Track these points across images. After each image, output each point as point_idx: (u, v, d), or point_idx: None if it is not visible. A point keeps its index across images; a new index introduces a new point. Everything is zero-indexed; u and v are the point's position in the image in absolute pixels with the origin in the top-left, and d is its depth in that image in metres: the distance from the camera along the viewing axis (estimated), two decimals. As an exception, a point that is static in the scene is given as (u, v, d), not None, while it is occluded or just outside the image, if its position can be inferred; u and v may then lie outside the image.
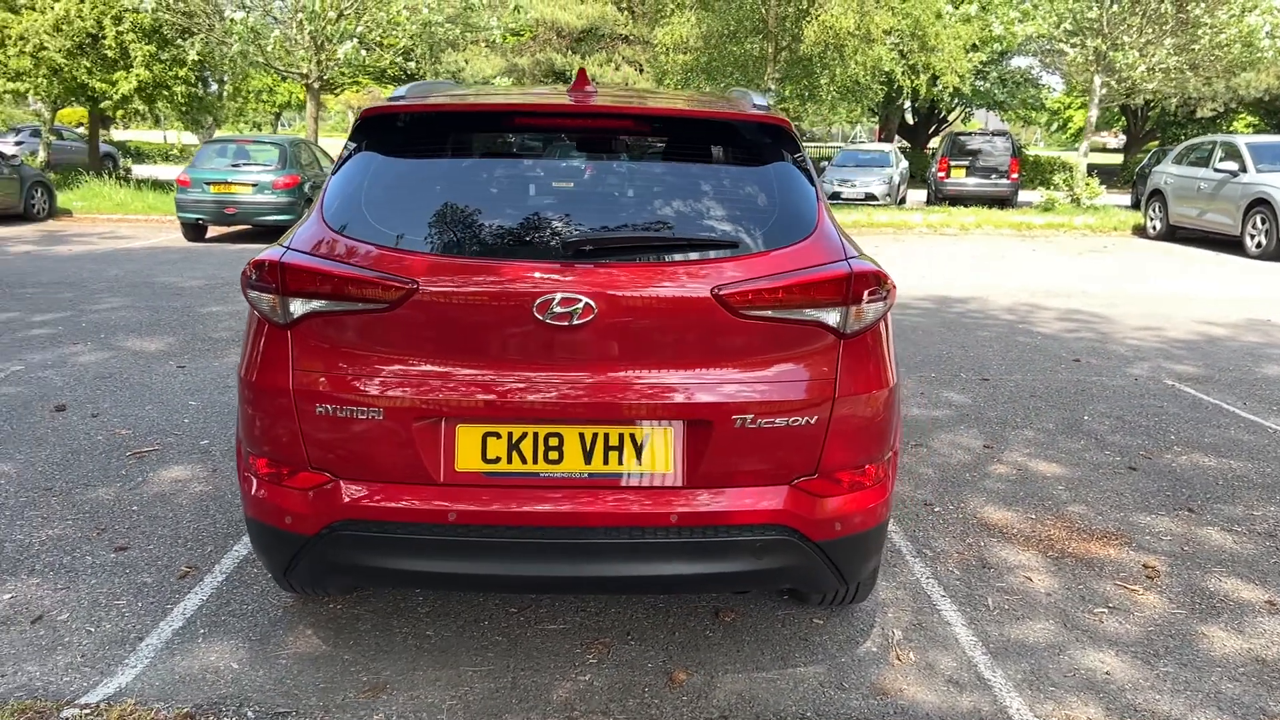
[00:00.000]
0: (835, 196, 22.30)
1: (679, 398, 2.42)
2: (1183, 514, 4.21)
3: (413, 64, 18.07)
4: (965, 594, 3.44)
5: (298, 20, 16.76)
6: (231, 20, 15.99)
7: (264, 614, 3.17)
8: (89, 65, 19.37)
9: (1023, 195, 23.17)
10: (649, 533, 2.46)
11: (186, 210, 13.88)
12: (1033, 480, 4.59)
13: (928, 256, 13.80)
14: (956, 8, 24.35)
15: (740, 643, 3.08)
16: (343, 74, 17.49)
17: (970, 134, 23.95)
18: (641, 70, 29.38)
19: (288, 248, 2.52)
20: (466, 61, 31.46)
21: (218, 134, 27.98)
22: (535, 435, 2.45)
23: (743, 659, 2.98)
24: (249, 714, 2.62)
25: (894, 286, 2.67)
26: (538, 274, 2.37)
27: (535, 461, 2.45)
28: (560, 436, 2.45)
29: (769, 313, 2.44)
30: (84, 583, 3.36)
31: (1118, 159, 40.99)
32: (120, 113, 21.09)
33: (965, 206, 20.82)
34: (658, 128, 2.71)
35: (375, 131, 2.69)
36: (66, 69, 19.11)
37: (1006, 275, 11.82)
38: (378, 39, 17.62)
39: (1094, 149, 24.14)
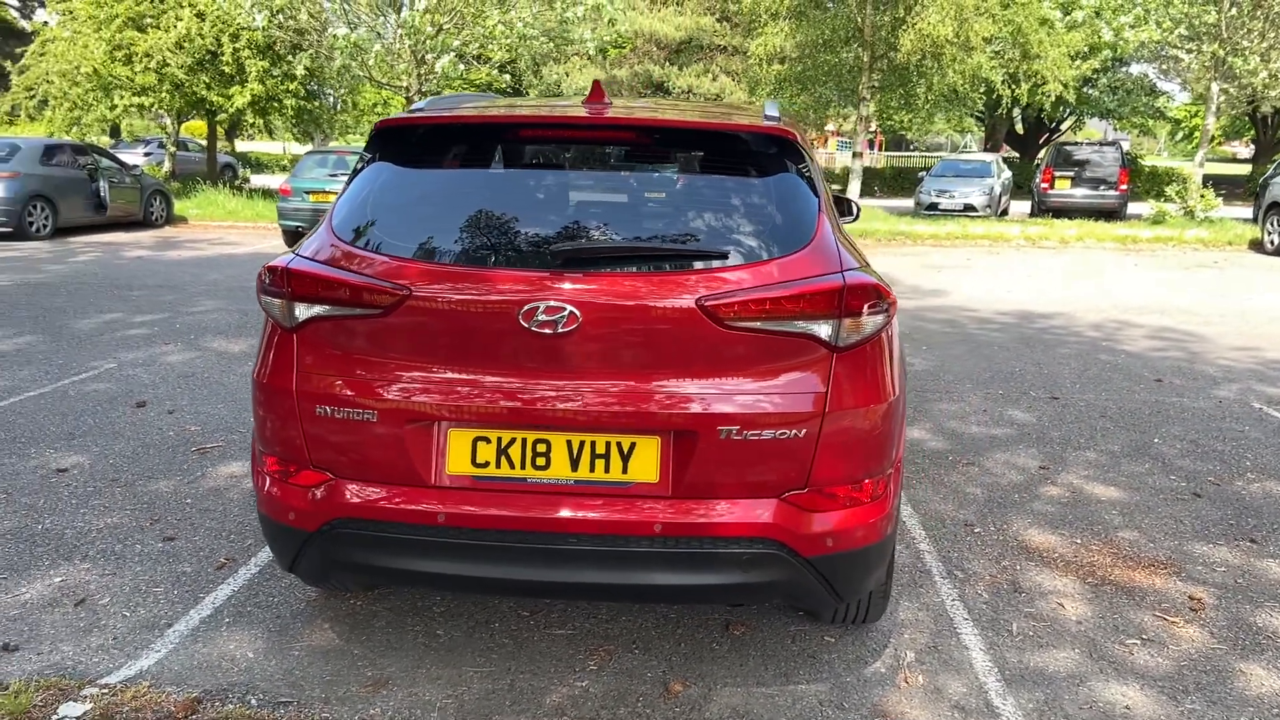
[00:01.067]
0: (932, 208, 21.82)
1: (664, 408, 2.43)
2: (1244, 545, 3.99)
3: (507, 76, 18.40)
4: (990, 618, 3.33)
5: (399, 35, 17.31)
6: (334, 36, 16.62)
7: (287, 606, 3.29)
8: (208, 80, 20.41)
9: (1134, 208, 22.25)
10: (633, 541, 2.47)
11: (287, 218, 14.48)
12: (1085, 503, 4.41)
13: (1019, 270, 13.39)
14: (1067, 14, 23.58)
15: (745, 657, 3.05)
16: (441, 87, 17.94)
17: (1077, 143, 23.12)
18: (739, 81, 29.33)
19: (296, 255, 2.62)
20: (566, 74, 31.98)
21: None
22: (524, 441, 2.49)
23: (745, 674, 2.96)
24: (253, 701, 2.72)
25: (894, 300, 2.62)
26: (525, 282, 2.42)
27: (523, 467, 2.49)
28: (548, 443, 2.48)
29: (757, 324, 2.42)
30: (129, 570, 3.55)
31: (1246, 169, 38.94)
32: (241, 125, 22.18)
33: (1070, 219, 20.11)
34: (658, 139, 2.73)
35: (385, 144, 2.78)
36: (187, 84, 20.19)
37: (1100, 290, 11.37)
38: (475, 53, 18.04)
39: (1223, 159, 23.04)
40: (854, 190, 21.42)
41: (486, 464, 2.50)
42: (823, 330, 2.46)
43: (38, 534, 3.84)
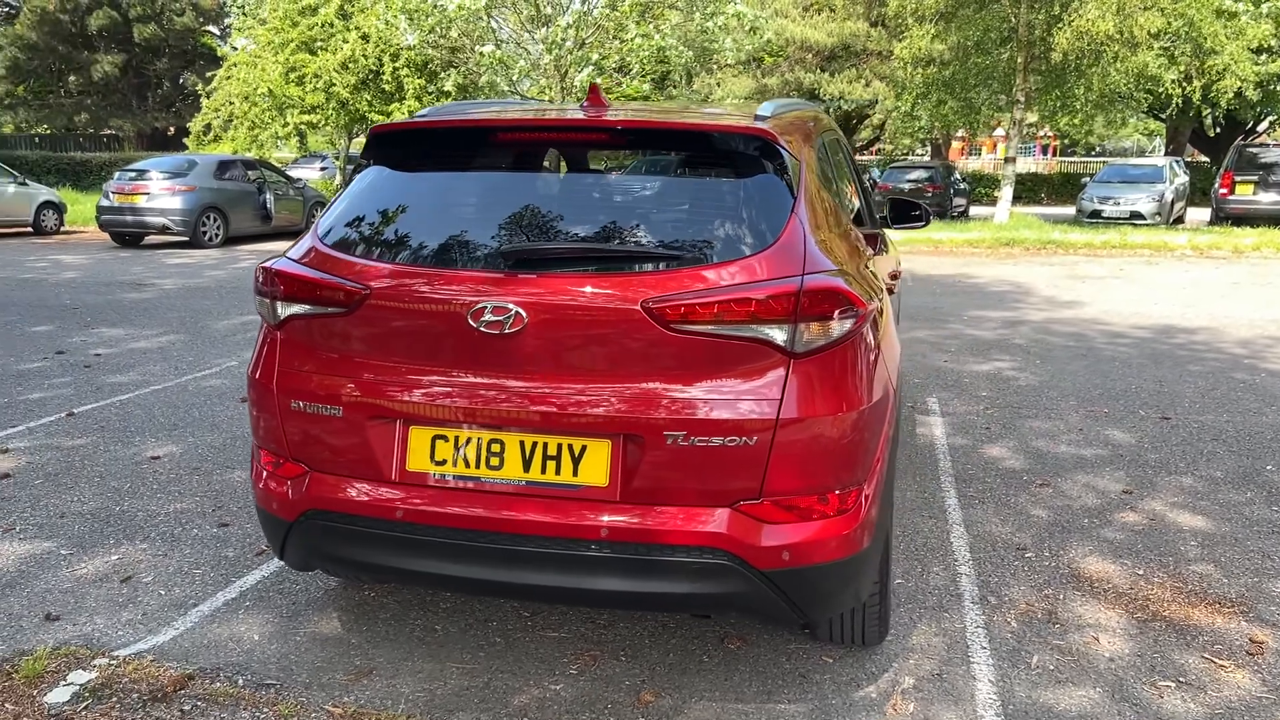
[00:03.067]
0: (1095, 215, 20.60)
1: (610, 411, 2.40)
2: (1337, 586, 3.57)
3: (648, 86, 18.60)
4: (1011, 648, 3.11)
5: (542, 50, 17.81)
6: (481, 54, 17.27)
7: (305, 594, 3.44)
8: (370, 98, 21.62)
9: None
10: (581, 545, 2.45)
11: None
12: (1162, 532, 4.06)
13: (1175, 282, 12.44)
14: (1256, 5, 21.73)
15: (733, 671, 2.97)
16: (582, 100, 18.29)
17: (1264, 145, 21.28)
18: (892, 86, 28.56)
19: (285, 256, 2.75)
20: (717, 84, 32.02)
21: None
22: (479, 441, 2.51)
23: (726, 689, 2.88)
24: (239, 681, 2.86)
25: (865, 306, 2.50)
26: (474, 283, 2.44)
27: (478, 466, 2.51)
28: (502, 443, 2.50)
29: (705, 328, 2.36)
30: (179, 552, 3.80)
31: None
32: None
33: (1253, 226, 18.54)
34: (630, 141, 2.70)
35: (378, 149, 2.87)
36: (352, 102, 21.45)
37: (1262, 304, 10.41)
38: (615, 65, 18.34)
39: None
40: (1005, 197, 20.47)
41: (444, 462, 2.54)
42: (777, 335, 2.37)
43: (113, 515, 4.17)
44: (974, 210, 27.08)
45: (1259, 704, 2.81)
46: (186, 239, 16.15)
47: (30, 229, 19.05)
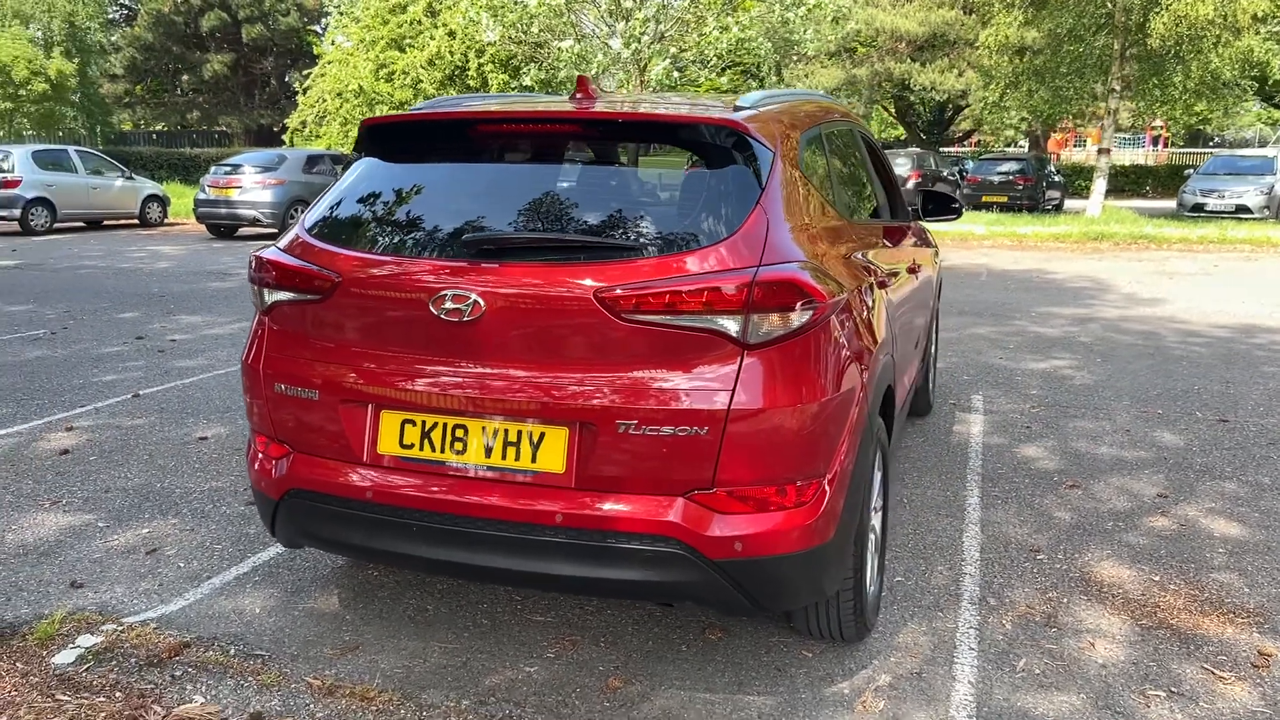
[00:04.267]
0: (1197, 209, 19.70)
1: (565, 399, 2.44)
2: (1369, 600, 3.37)
3: (724, 79, 18.52)
4: (1000, 651, 3.04)
5: (622, 44, 17.89)
6: (558, 49, 17.46)
7: (312, 571, 3.57)
8: (455, 93, 22.07)
9: None
10: (538, 530, 2.49)
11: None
12: (1191, 539, 3.89)
13: (1273, 280, 11.80)
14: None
15: (708, 661, 2.98)
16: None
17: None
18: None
19: (274, 245, 2.87)
20: (807, 75, 31.63)
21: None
22: (444, 425, 2.58)
23: (698, 678, 2.89)
24: (232, 651, 3.00)
25: (826, 298, 2.48)
26: (435, 271, 2.51)
27: (443, 451, 2.58)
28: (466, 429, 2.56)
29: (658, 318, 2.37)
30: (206, 528, 3.99)
31: None
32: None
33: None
34: (602, 132, 2.73)
35: (366, 142, 2.96)
36: (438, 97, 21.94)
37: (1363, 303, 9.82)
38: (693, 58, 18.30)
39: None
40: (1098, 190, 19.71)
41: (412, 445, 2.61)
42: (730, 325, 2.37)
43: (153, 491, 4.39)
44: (1071, 204, 26.16)
45: (1252, 717, 2.69)
46: (276, 230, 16.78)
47: (136, 220, 20.06)
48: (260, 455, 2.92)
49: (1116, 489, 4.46)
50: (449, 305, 2.47)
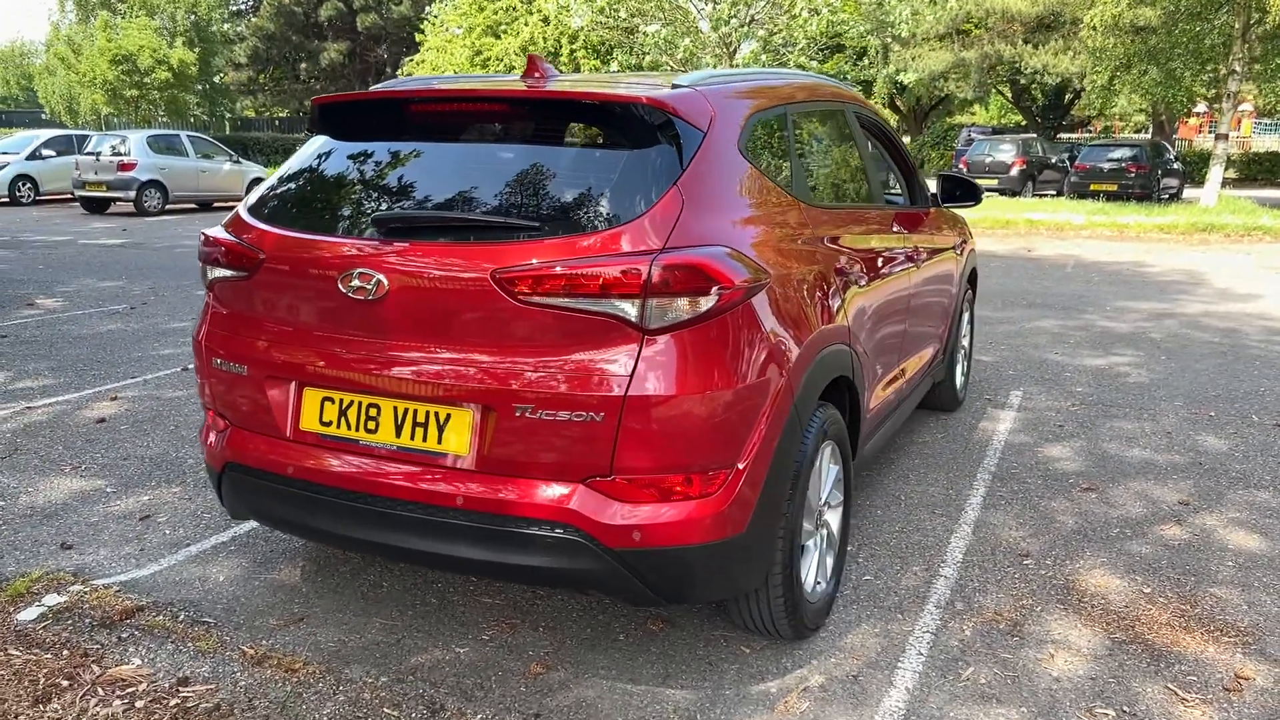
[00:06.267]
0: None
1: (466, 381, 2.42)
2: (1383, 625, 3.08)
3: (814, 63, 18.13)
4: (950, 658, 2.90)
5: (710, 27, 17.74)
6: (645, 34, 17.41)
7: (284, 543, 3.66)
8: (549, 79, 22.27)
9: None
10: (441, 512, 2.49)
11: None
12: (1201, 550, 3.63)
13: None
14: None
15: (641, 652, 2.93)
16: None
17: None
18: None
19: (220, 224, 2.93)
20: (912, 59, 30.73)
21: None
22: (359, 404, 2.59)
23: (625, 668, 2.84)
24: (180, 617, 3.09)
25: (739, 283, 2.39)
26: (347, 250, 2.52)
27: (357, 429, 2.60)
28: (379, 408, 2.57)
29: (556, 300, 2.33)
30: (203, 497, 4.13)
31: None
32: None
33: None
34: (528, 111, 2.70)
35: (318, 121, 2.99)
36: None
37: None
38: (782, 41, 17.99)
39: None
40: (1213, 178, 18.58)
41: (331, 423, 2.64)
42: (629, 310, 2.31)
43: (166, 460, 4.58)
44: (1192, 194, 24.73)
45: (1204, 746, 2.49)
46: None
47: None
48: (207, 429, 3.00)
49: (1135, 494, 4.19)
50: (355, 284, 2.48)
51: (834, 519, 3.15)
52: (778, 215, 2.85)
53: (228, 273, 2.79)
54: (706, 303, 2.35)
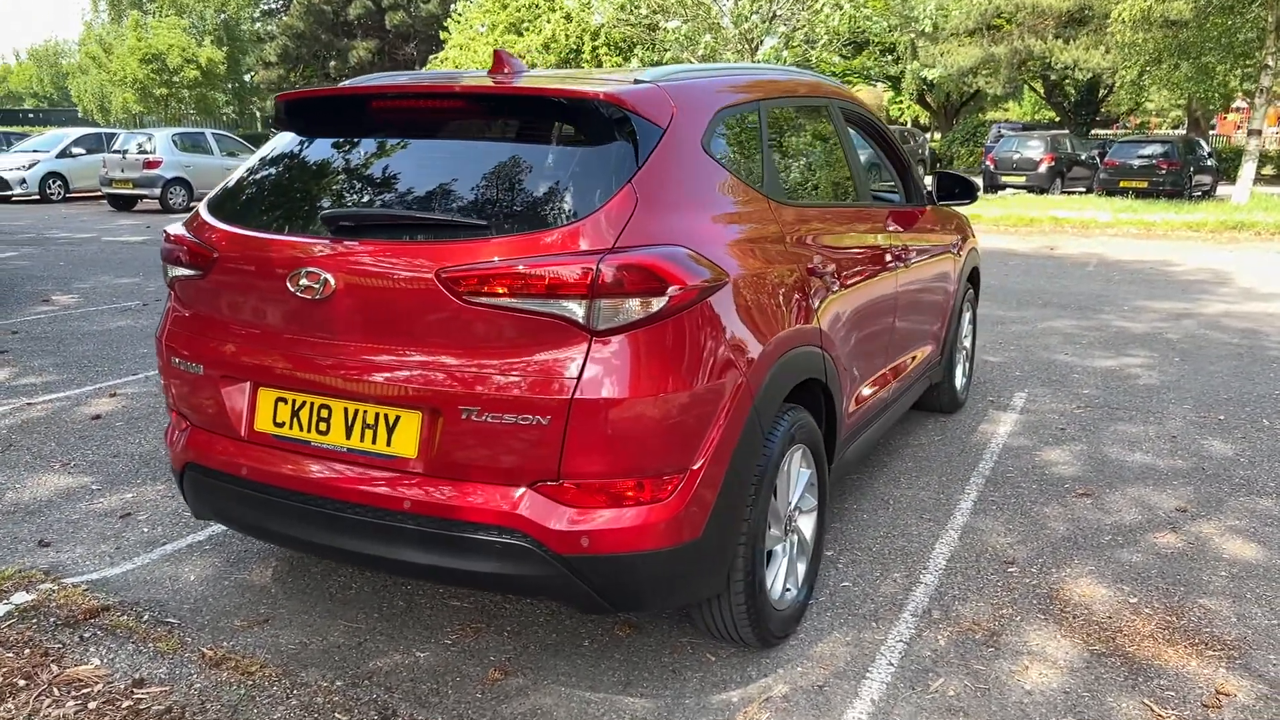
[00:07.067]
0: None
1: (412, 382, 2.38)
2: (1377, 640, 2.96)
3: (837, 58, 17.97)
4: (921, 669, 2.82)
5: (731, 23, 17.63)
6: (666, 30, 17.33)
7: (262, 543, 3.63)
8: (571, 76, 22.26)
9: None
10: (389, 516, 2.45)
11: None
12: (1194, 559, 3.52)
13: None
14: None
15: (604, 658, 2.87)
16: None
17: None
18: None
19: (180, 223, 2.91)
20: (941, 55, 30.41)
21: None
22: (311, 405, 2.56)
23: (585, 675, 2.79)
24: (145, 617, 3.08)
25: (685, 283, 2.33)
26: (291, 248, 2.49)
27: (309, 430, 2.56)
28: (330, 409, 2.53)
29: (502, 301, 2.28)
30: (186, 496, 4.12)
31: None
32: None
33: None
34: (485, 108, 2.65)
35: (282, 118, 2.96)
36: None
37: None
38: (804, 37, 17.84)
39: None
40: (1245, 175, 18.18)
41: (284, 424, 2.60)
42: (576, 310, 2.26)
43: (155, 458, 4.58)
44: (1226, 191, 24.24)
45: (1175, 765, 2.40)
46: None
47: (267, 201, 21.09)
48: (171, 428, 2.98)
49: (1132, 500, 4.08)
50: (304, 283, 2.45)
51: (806, 524, 3.08)
52: (744, 214, 2.78)
53: (186, 271, 2.77)
54: (659, 303, 2.29)
